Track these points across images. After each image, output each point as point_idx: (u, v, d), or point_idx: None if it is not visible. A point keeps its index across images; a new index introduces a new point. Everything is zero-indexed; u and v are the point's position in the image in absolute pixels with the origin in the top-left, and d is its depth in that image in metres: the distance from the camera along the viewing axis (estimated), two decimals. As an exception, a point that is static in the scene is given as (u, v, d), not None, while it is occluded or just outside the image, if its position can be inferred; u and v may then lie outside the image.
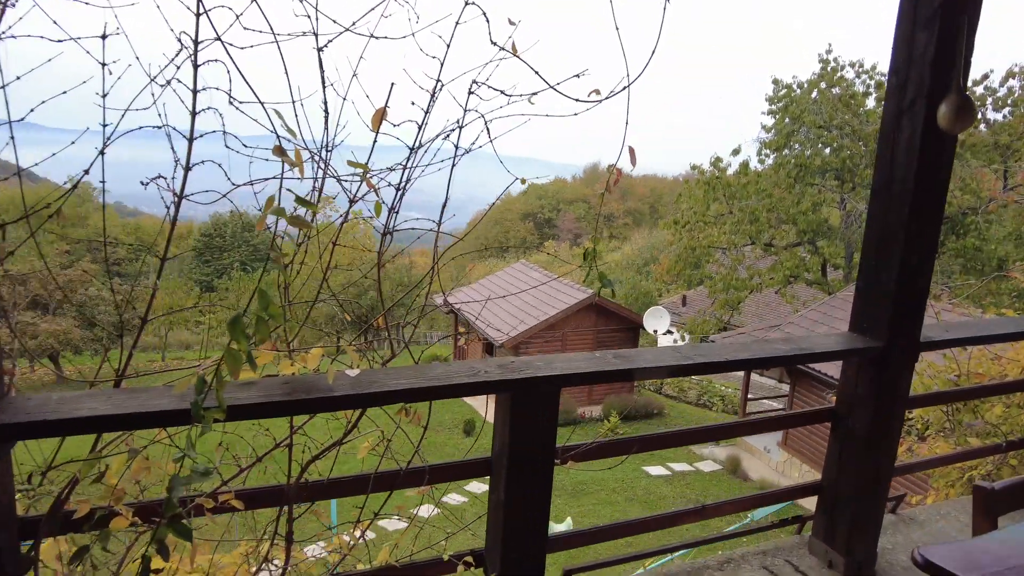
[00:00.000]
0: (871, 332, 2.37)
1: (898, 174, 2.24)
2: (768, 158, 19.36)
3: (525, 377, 1.81)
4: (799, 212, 17.49)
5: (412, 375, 1.77)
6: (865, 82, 18.62)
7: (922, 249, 2.27)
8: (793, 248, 18.52)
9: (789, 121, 18.54)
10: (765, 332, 15.35)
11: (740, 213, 18.22)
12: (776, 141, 18.75)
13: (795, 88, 18.85)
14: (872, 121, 17.36)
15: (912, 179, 2.18)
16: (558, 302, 18.33)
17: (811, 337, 2.39)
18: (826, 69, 18.52)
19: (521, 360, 1.91)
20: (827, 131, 18.05)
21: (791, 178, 18.31)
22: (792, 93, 18.77)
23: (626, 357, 2.01)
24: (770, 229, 18.29)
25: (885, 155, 2.29)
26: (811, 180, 18.19)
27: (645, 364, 1.96)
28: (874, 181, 2.35)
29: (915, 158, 2.17)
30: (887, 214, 2.30)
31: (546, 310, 18.14)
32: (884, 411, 2.39)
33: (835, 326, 13.74)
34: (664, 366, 1.99)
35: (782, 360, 2.23)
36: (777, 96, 18.93)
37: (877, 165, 2.34)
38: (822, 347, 2.28)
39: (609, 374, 1.92)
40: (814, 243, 17.93)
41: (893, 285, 2.28)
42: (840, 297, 14.63)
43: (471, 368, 1.84)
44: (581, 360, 1.94)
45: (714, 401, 22.44)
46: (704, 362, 2.03)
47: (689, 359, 2.03)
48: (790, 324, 14.61)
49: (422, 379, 1.75)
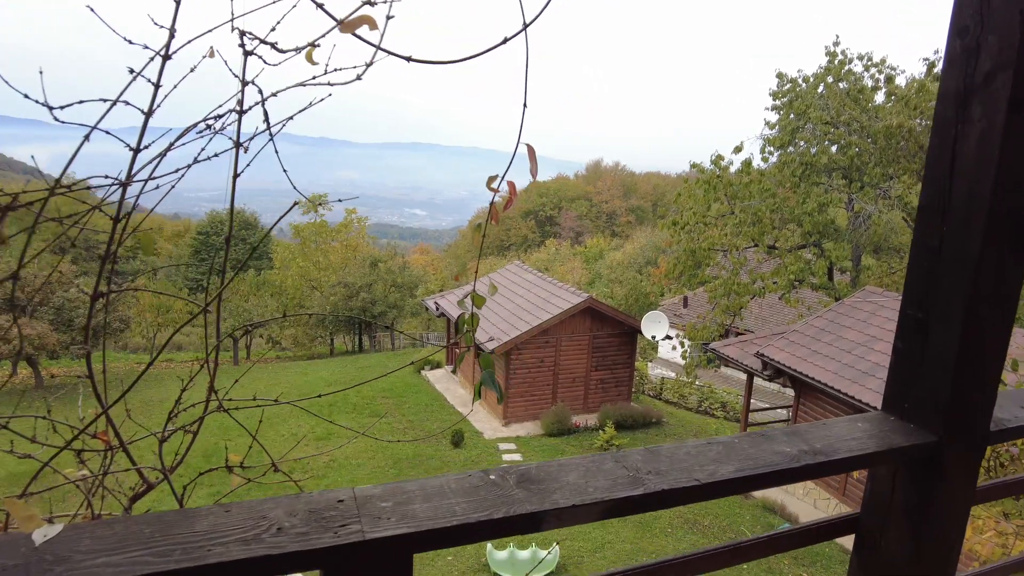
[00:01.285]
0: (916, 418, 1.61)
1: (962, 185, 1.49)
2: (772, 156, 18.53)
3: (348, 543, 1.06)
4: (804, 213, 16.67)
5: (138, 541, 1.01)
6: (874, 76, 17.76)
7: (1002, 296, 1.51)
8: (798, 250, 17.70)
9: (794, 117, 17.68)
10: (768, 339, 14.56)
11: (742, 214, 17.39)
12: (780, 138, 17.89)
13: (800, 82, 17.98)
14: (881, 117, 16.53)
15: (988, 193, 1.42)
16: (552, 306, 17.58)
17: (829, 425, 1.63)
18: (833, 62, 17.67)
19: (351, 500, 1.15)
20: (834, 128, 17.21)
21: (796, 177, 17.48)
22: (797, 88, 17.90)
23: (536, 483, 1.26)
24: (774, 230, 17.45)
25: (941, 157, 1.53)
26: (817, 179, 17.35)
27: (566, 501, 1.21)
28: (923, 194, 1.59)
29: (992, 161, 1.41)
30: (943, 243, 1.54)
31: (539, 315, 17.38)
32: (936, 527, 1.63)
33: (842, 335, 12.96)
34: (598, 501, 1.23)
35: (787, 475, 1.47)
36: (781, 91, 18.06)
37: (928, 171, 1.58)
38: (847, 448, 1.52)
39: (501, 524, 1.16)
40: (820, 245, 17.10)
41: (954, 348, 1.52)
42: (847, 303, 13.83)
43: (255, 520, 1.08)
44: (459, 497, 1.19)
45: (715, 408, 21.70)
46: (663, 489, 1.28)
47: (640, 484, 1.28)
48: (794, 332, 13.82)
49: (149, 557, 0.98)
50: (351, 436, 16.76)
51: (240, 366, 27.87)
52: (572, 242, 74.48)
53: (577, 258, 62.07)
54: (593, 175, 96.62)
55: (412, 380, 22.78)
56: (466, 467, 14.75)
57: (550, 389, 17.76)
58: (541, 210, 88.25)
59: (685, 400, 22.52)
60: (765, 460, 1.44)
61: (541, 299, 18.41)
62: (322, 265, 34.16)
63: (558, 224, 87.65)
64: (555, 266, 59.22)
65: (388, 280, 29.64)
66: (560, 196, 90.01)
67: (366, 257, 32.33)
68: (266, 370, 26.62)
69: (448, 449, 15.94)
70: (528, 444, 16.26)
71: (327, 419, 5.40)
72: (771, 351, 13.52)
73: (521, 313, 18.02)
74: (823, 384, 11.90)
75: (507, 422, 17.43)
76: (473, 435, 16.92)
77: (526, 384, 17.43)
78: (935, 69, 16.81)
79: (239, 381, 6.26)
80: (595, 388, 18.29)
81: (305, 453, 15.51)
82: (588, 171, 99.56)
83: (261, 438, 5.63)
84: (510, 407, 17.39)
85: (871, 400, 11.00)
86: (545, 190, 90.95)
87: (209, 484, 13.56)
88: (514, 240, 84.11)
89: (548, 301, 18.04)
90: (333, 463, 14.89)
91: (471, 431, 17.22)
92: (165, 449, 1.39)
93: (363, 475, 14.17)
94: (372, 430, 17.10)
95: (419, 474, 14.23)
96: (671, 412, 20.51)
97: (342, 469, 14.50)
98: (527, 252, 73.56)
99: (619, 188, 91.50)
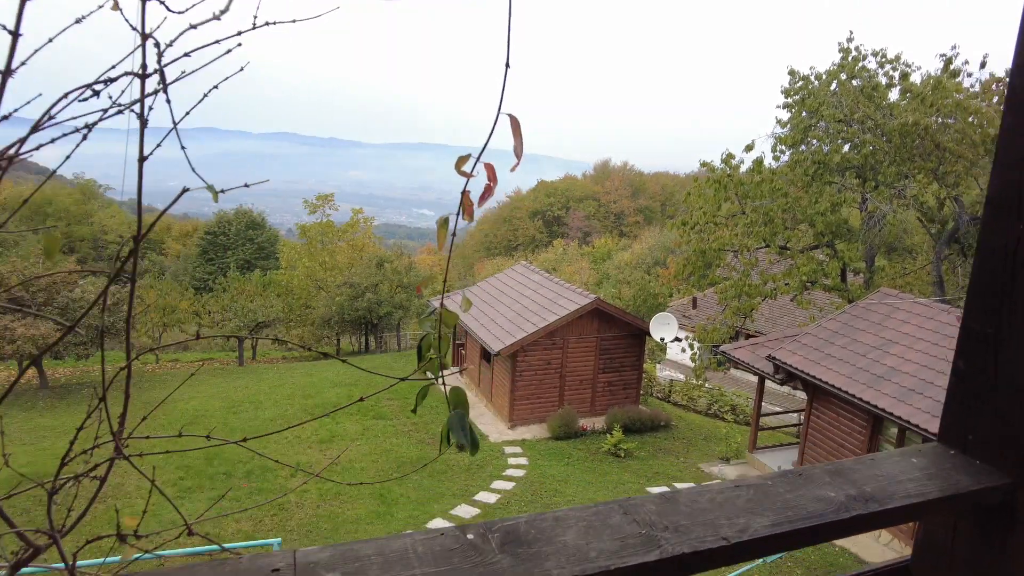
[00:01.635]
0: (984, 453, 1.35)
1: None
2: (783, 155, 18.16)
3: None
4: (816, 212, 16.31)
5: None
6: (888, 73, 17.36)
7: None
8: (810, 251, 17.33)
9: (806, 115, 17.31)
10: (780, 341, 14.24)
11: (753, 214, 17.05)
12: (792, 136, 17.51)
13: (813, 79, 17.60)
14: (896, 115, 16.15)
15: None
16: (559, 307, 17.31)
17: (879, 461, 1.36)
18: (846, 59, 17.30)
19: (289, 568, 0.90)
20: (847, 125, 16.84)
21: (808, 176, 17.12)
22: (809, 85, 17.53)
23: (525, 544, 1.01)
24: (785, 231, 17.09)
25: (1016, 139, 1.27)
26: (830, 178, 16.97)
27: (562, 572, 0.95)
28: (992, 185, 1.34)
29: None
30: (1020, 243, 1.28)
31: (546, 316, 17.12)
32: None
33: (856, 337, 12.62)
34: (603, 571, 0.97)
35: (834, 529, 1.21)
36: (793, 88, 17.69)
37: (999, 156, 1.32)
38: (903, 492, 1.26)
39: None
40: (833, 246, 16.73)
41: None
42: (862, 305, 13.49)
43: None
44: (426, 567, 0.93)
45: (725, 411, 21.37)
46: (683, 552, 1.02)
47: (655, 544, 1.02)
48: (807, 334, 13.49)
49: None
50: (353, 440, 16.56)
51: (246, 367, 27.75)
52: (580, 242, 74.14)
53: (585, 258, 61.77)
54: (601, 175, 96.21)
55: (418, 381, 22.54)
56: (471, 471, 14.52)
57: (557, 391, 17.49)
58: (549, 210, 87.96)
59: (694, 403, 22.19)
60: (806, 509, 1.18)
61: (548, 300, 18.14)
62: (328, 265, 34.00)
63: (566, 224, 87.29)
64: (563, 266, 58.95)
65: (394, 280, 29.44)
66: (568, 196, 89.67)
67: (372, 257, 32.16)
68: (272, 371, 26.47)
69: (453, 451, 15.68)
70: (534, 447, 16.00)
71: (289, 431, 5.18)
72: (783, 354, 13.21)
73: (527, 314, 17.76)
74: (837, 388, 11.58)
75: (513, 425, 17.18)
76: (479, 437, 16.65)
77: (533, 386, 17.17)
78: (952, 65, 16.41)
79: (243, 383, 6.08)
80: (602, 390, 18.01)
81: (308, 456, 15.33)
82: (596, 171, 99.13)
83: (262, 440, 5.65)
84: (516, 409, 17.14)
85: (887, 405, 10.68)
86: (553, 190, 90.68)
87: (211, 488, 13.38)
88: (522, 240, 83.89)
89: (555, 302, 17.77)
90: (336, 466, 14.67)
91: (477, 433, 16.93)
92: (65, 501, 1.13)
93: (365, 479, 13.95)
94: (372, 432, 16.90)
95: (422, 477, 14.00)
96: (680, 415, 20.20)
97: (345, 472, 14.29)
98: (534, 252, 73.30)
99: (627, 188, 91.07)
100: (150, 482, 0.98)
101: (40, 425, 17.75)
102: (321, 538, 11.33)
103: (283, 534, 11.45)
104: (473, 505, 12.69)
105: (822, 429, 12.82)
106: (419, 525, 11.77)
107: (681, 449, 16.52)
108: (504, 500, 12.94)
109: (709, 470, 14.91)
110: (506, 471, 14.50)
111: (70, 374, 25.74)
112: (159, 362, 29.82)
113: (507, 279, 21.60)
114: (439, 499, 12.99)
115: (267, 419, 18.28)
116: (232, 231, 57.84)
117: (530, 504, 12.76)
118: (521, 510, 12.47)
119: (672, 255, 48.21)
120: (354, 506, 12.58)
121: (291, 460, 14.96)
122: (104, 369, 0.97)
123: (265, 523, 11.82)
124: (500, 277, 22.20)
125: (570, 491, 13.50)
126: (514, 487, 13.55)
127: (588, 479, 14.20)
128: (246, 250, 56.41)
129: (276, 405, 19.81)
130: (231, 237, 57.38)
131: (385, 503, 12.73)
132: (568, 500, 13.01)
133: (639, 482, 14.12)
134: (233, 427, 17.48)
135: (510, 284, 20.88)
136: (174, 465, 14.49)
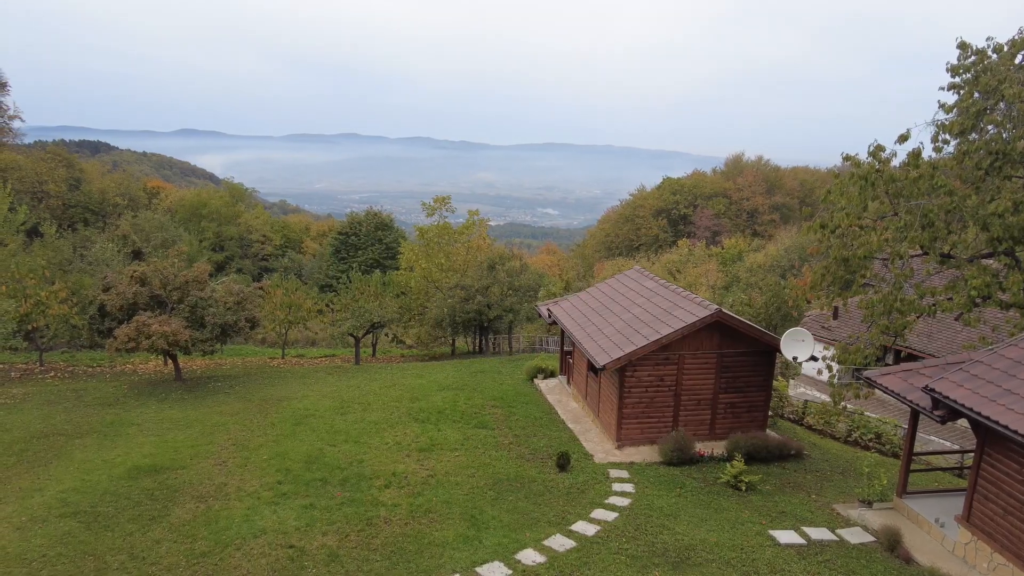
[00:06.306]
0: None
1: None
2: (948, 145, 15.33)
3: None
4: (992, 213, 13.53)
5: None
6: (1094, 41, 14.04)
7: None
8: (982, 260, 14.52)
9: (980, 96, 14.44)
10: (941, 369, 11.85)
11: (908, 215, 14.49)
12: (961, 122, 14.69)
13: (990, 53, 14.67)
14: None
15: None
16: (674, 319, 15.76)
17: None
18: (1036, 28, 14.23)
19: None
20: (1035, 108, 13.83)
21: (981, 169, 14.31)
22: (986, 59, 14.61)
23: None
24: (949, 235, 14.40)
25: None
26: (1011, 172, 14.06)
27: None
28: None
29: None
30: None
31: (659, 328, 15.64)
32: None
33: (1047, 370, 10.11)
34: None
35: None
36: (964, 65, 14.85)
37: None
38: None
39: None
40: (1013, 254, 13.85)
41: None
42: (1054, 329, 10.87)
43: None
44: None
45: (868, 439, 18.71)
46: None
47: None
48: (978, 363, 11.07)
49: None
50: (453, 450, 15.99)
51: (362, 365, 28.36)
52: (708, 242, 70.25)
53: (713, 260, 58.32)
54: (733, 170, 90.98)
55: (523, 388, 21.76)
56: (571, 495, 13.43)
57: (671, 412, 15.95)
58: (674, 208, 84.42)
59: (831, 427, 19.66)
60: None
61: (662, 310, 16.62)
62: (444, 267, 34.20)
63: (692, 223, 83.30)
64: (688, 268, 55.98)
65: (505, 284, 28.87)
66: (695, 193, 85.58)
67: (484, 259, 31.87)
68: (386, 371, 26.79)
69: (553, 471, 14.68)
70: (643, 473, 14.61)
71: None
72: (945, 386, 10.93)
73: (639, 325, 16.35)
74: (1021, 436, 9.28)
75: (621, 445, 15.87)
76: (582, 457, 15.54)
77: (643, 404, 15.76)
78: None
79: (356, 382, 5.23)
80: (723, 413, 16.22)
81: (405, 465, 14.93)
82: (727, 166, 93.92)
83: (363, 445, 16.32)
84: (625, 429, 15.82)
85: (1092, 462, 8.33)
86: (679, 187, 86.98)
87: (305, 495, 13.30)
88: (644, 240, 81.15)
89: (670, 313, 16.23)
90: (431, 479, 14.14)
91: (580, 452, 15.85)
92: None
93: (460, 495, 13.29)
94: (472, 443, 16.23)
95: (518, 499, 13.10)
96: (815, 441, 17.88)
97: (439, 487, 13.71)
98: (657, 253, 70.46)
99: (762, 184, 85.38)
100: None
101: (168, 417, 18.79)
102: (404, 560, 10.75)
103: (367, 552, 11.00)
104: (569, 536, 11.61)
105: (999, 482, 10.44)
106: (508, 556, 10.88)
107: (814, 484, 14.45)
108: (604, 533, 11.74)
109: (847, 514, 12.81)
110: (609, 498, 13.27)
111: (204, 367, 27.52)
112: (284, 357, 31.27)
113: (618, 285, 20.23)
114: (533, 525, 12.03)
115: (372, 422, 18.21)
116: (363, 231, 60.43)
117: (632, 540, 11.48)
118: (622, 547, 11.22)
119: (808, 264, 44.00)
120: (443, 527, 11.92)
121: (388, 469, 14.64)
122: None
123: (351, 539, 11.44)
124: (611, 283, 20.87)
125: (680, 528, 12.04)
126: (616, 518, 12.31)
127: (701, 515, 12.65)
128: (375, 250, 58.73)
129: (384, 408, 19.78)
130: (361, 237, 59.97)
131: (475, 526, 11.96)
132: (676, 538, 11.58)
133: (761, 522, 12.36)
134: (338, 429, 17.55)
135: (621, 291, 19.51)
136: (275, 468, 14.63)
